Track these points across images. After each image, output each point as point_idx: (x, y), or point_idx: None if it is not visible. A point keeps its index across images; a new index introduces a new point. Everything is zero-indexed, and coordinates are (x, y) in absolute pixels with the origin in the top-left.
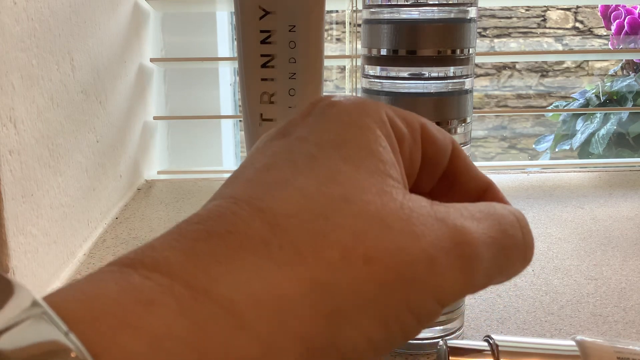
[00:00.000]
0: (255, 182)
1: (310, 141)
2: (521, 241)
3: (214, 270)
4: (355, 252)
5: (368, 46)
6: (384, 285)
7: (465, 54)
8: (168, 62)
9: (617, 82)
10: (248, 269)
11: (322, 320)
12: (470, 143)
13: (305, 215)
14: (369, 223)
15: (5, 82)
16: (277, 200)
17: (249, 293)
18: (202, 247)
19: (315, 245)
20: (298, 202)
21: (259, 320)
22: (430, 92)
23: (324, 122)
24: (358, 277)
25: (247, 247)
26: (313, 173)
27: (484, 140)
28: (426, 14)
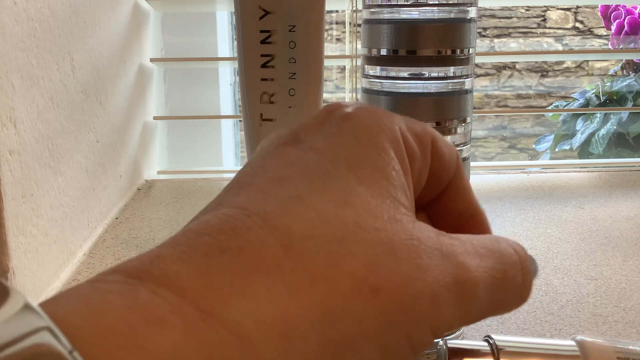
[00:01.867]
0: (268, 195)
1: (326, 156)
2: (519, 283)
3: (225, 291)
4: (365, 283)
5: (368, 46)
6: (388, 317)
7: (465, 54)
8: (168, 62)
9: (617, 82)
10: (259, 293)
11: (328, 348)
12: (470, 143)
13: (319, 238)
14: (380, 252)
15: (5, 82)
16: (291, 219)
17: (259, 318)
18: (214, 264)
19: (327, 273)
20: (312, 222)
21: (266, 345)
22: (430, 92)
23: (340, 137)
24: (366, 307)
25: (259, 268)
26: (328, 192)
27: (484, 140)
28: (426, 14)
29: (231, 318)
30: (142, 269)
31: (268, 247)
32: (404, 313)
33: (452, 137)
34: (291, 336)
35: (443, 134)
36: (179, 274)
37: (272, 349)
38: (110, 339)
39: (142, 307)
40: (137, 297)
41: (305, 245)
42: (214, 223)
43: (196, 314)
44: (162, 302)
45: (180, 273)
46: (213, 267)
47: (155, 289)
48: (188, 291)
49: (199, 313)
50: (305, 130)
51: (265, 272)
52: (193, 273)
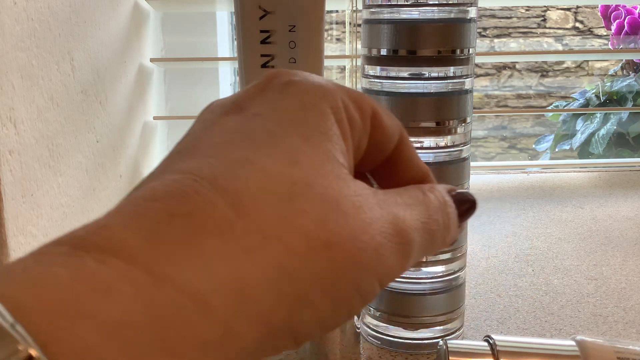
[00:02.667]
0: (215, 159)
1: (270, 119)
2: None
3: (177, 254)
4: (318, 240)
5: (368, 46)
6: (340, 271)
7: (465, 54)
8: (168, 62)
9: (617, 82)
10: (212, 254)
11: (284, 305)
12: (470, 143)
13: (270, 198)
14: (329, 209)
15: (5, 82)
16: (240, 181)
17: (214, 278)
18: (164, 230)
19: (281, 231)
20: (262, 183)
21: (222, 305)
22: (430, 92)
23: (282, 100)
24: (320, 263)
25: (211, 231)
26: (275, 152)
27: (484, 140)
28: (426, 14)
29: (185, 280)
30: (87, 239)
31: (219, 209)
32: (354, 265)
33: (452, 137)
34: (247, 295)
35: (443, 134)
36: (126, 242)
37: (228, 309)
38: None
39: (88, 276)
40: (83, 267)
41: (257, 205)
42: (161, 189)
43: (147, 279)
44: (110, 270)
45: (128, 240)
46: (163, 232)
47: (102, 258)
48: (137, 257)
49: (150, 278)
50: (247, 97)
51: (218, 234)
52: (142, 239)
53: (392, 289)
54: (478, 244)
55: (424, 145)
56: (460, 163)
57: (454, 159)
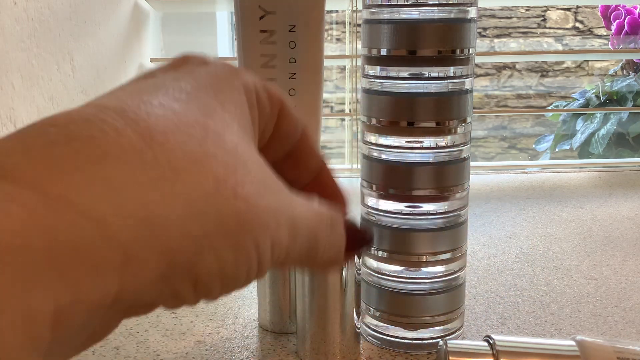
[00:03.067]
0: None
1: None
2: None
3: (76, 176)
4: (226, 184)
5: (368, 46)
6: (244, 221)
7: (465, 54)
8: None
9: (617, 82)
10: (117, 179)
11: (189, 242)
12: (470, 143)
13: (181, 136)
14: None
15: (5, 82)
16: (152, 117)
17: (117, 204)
18: (61, 152)
19: (191, 168)
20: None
21: (124, 231)
22: (430, 92)
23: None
24: (227, 208)
25: (116, 156)
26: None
27: (484, 140)
28: (426, 14)
29: (84, 202)
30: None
31: (126, 136)
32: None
33: (452, 137)
34: (153, 224)
35: (443, 134)
36: (18, 164)
37: (131, 235)
38: None
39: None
40: None
41: (167, 138)
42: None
43: (40, 199)
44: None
45: (20, 163)
46: (60, 154)
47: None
48: (29, 179)
49: (44, 198)
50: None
51: (124, 160)
52: (36, 161)
53: (392, 289)
54: (478, 244)
55: (424, 145)
56: (460, 163)
57: (454, 159)
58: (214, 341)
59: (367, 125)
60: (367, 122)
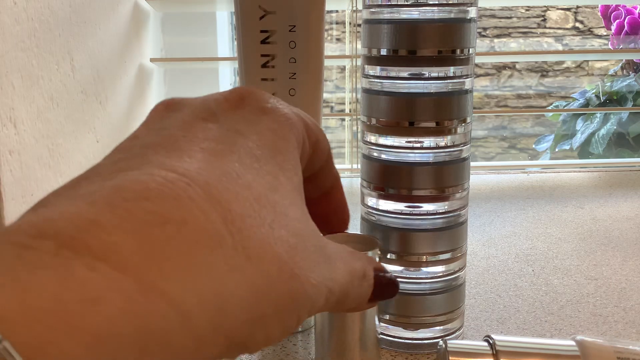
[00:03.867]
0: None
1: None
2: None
3: (168, 265)
4: (286, 267)
5: (368, 46)
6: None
7: (465, 54)
8: (168, 62)
9: (617, 82)
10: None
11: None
12: (470, 143)
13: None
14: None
15: (5, 82)
16: (231, 195)
17: (200, 293)
18: (157, 235)
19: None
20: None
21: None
22: (430, 92)
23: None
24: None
25: (203, 243)
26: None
27: (484, 140)
28: (426, 14)
29: (173, 293)
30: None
31: (211, 222)
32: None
33: (452, 137)
34: (225, 312)
35: (443, 134)
36: (119, 246)
37: (208, 324)
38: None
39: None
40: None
41: (245, 223)
42: (153, 187)
43: (136, 288)
44: (100, 279)
45: (120, 244)
46: (156, 238)
47: (92, 265)
48: (128, 265)
49: (139, 287)
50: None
51: (209, 248)
52: (134, 245)
53: None
54: (478, 244)
55: (424, 145)
56: (460, 163)
57: (454, 159)
58: None
59: (367, 125)
60: (367, 122)
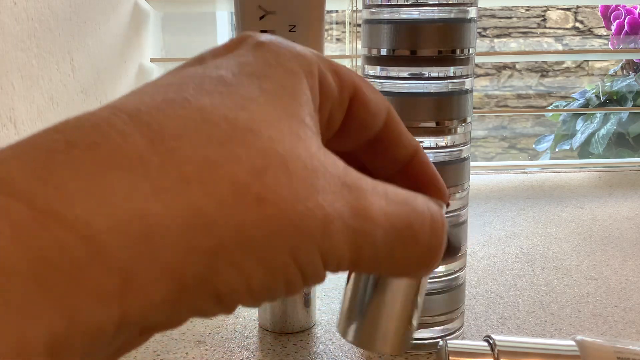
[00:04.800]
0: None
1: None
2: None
3: (71, 187)
4: (248, 190)
5: (368, 46)
6: (272, 230)
7: (465, 54)
8: (168, 62)
9: (617, 82)
10: (115, 189)
11: (199, 257)
12: (470, 143)
13: (198, 139)
14: (270, 162)
15: (5, 82)
16: (168, 117)
17: (112, 216)
18: (59, 159)
19: (203, 174)
20: (194, 122)
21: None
22: (430, 92)
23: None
24: (247, 215)
25: (118, 164)
26: (220, 97)
27: (484, 140)
28: (426, 14)
29: (75, 216)
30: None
31: (132, 142)
32: (290, 229)
33: (452, 137)
34: (152, 239)
35: (443, 134)
36: (10, 172)
37: (126, 252)
38: None
39: None
40: None
41: (180, 142)
42: (72, 121)
43: (28, 214)
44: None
45: (13, 171)
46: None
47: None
48: (20, 190)
49: (33, 213)
50: (212, 53)
51: (126, 169)
52: (30, 169)
53: None
54: (478, 244)
55: (424, 145)
56: (460, 163)
57: (454, 159)
58: (214, 341)
59: None
60: None
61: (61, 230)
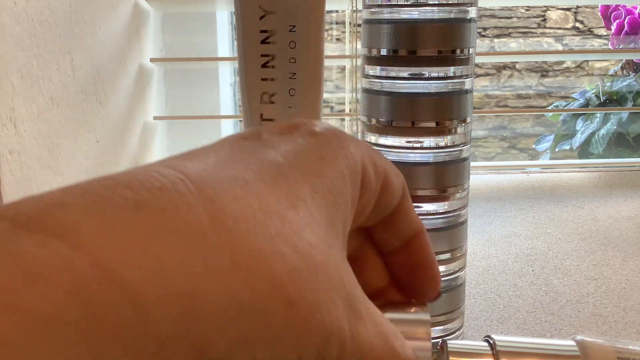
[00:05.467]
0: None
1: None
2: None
3: (132, 250)
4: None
5: (368, 46)
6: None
7: (465, 54)
8: (168, 62)
9: (617, 82)
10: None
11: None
12: (470, 143)
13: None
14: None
15: (5, 82)
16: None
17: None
18: (126, 219)
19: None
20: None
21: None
22: (430, 92)
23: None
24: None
25: (180, 234)
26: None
27: (484, 140)
28: (426, 14)
29: (131, 280)
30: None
31: (195, 214)
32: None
33: (452, 137)
34: (192, 318)
35: (443, 134)
36: (79, 225)
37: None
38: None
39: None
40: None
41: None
42: (141, 177)
43: (90, 270)
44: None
45: (82, 224)
46: (124, 222)
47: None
48: (86, 245)
49: (94, 269)
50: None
51: (187, 241)
52: (97, 224)
53: None
54: (478, 244)
55: (424, 145)
56: (460, 163)
57: (454, 159)
58: None
59: (367, 125)
60: (367, 122)
61: (117, 292)
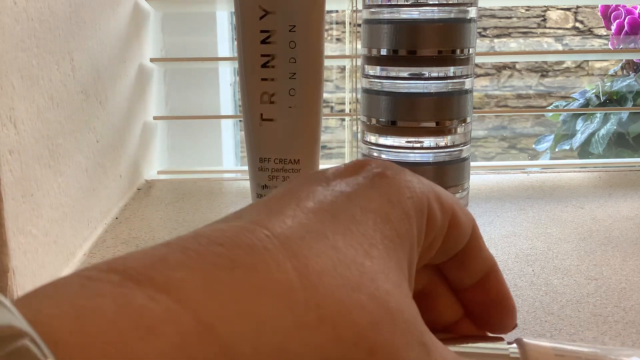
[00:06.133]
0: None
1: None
2: None
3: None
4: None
5: (368, 46)
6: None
7: (465, 54)
8: (168, 62)
9: (617, 82)
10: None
11: None
12: (470, 143)
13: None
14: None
15: (5, 82)
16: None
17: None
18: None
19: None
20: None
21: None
22: (430, 92)
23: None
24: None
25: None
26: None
27: (484, 140)
28: (426, 14)
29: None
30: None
31: (284, 272)
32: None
33: (452, 137)
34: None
35: (443, 134)
36: (183, 282)
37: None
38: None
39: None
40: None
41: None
42: (230, 234)
43: (194, 325)
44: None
45: (185, 281)
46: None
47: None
48: (190, 300)
49: (197, 325)
50: (336, 173)
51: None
52: (199, 282)
53: None
54: None
55: (424, 145)
56: (460, 163)
57: (454, 159)
58: None
59: (367, 125)
60: (367, 122)
61: (216, 346)
